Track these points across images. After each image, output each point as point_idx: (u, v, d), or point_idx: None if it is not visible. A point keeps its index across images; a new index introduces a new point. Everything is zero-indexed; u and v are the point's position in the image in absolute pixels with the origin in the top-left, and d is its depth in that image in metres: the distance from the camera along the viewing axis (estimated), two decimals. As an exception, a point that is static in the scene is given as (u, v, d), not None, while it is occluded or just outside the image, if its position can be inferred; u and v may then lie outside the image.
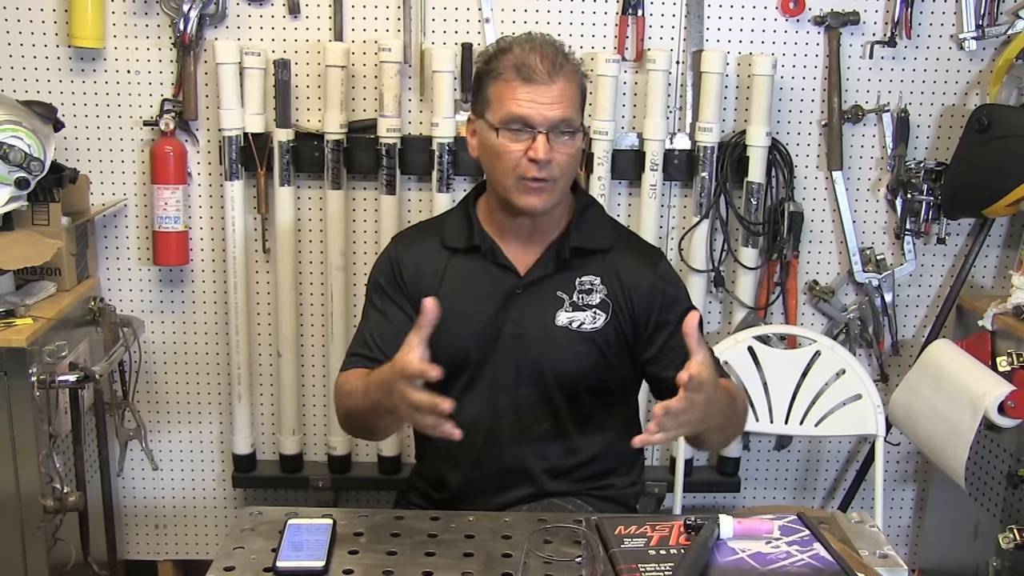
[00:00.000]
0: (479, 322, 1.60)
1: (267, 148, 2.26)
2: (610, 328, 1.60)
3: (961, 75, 2.34)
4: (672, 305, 1.62)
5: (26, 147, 1.96)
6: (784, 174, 2.34)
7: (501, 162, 1.52)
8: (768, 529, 1.30)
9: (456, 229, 1.65)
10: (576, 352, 1.60)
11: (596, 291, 1.61)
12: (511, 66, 1.51)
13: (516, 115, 1.49)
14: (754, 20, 2.29)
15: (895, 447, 2.53)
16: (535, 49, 1.51)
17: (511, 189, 1.53)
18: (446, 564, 1.27)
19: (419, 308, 1.54)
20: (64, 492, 1.98)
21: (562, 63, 1.51)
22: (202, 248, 2.37)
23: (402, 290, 1.63)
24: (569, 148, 1.52)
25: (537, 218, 1.59)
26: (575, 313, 1.60)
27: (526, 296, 1.60)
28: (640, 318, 1.62)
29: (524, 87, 1.49)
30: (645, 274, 1.63)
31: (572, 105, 1.52)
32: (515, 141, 1.50)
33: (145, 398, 2.45)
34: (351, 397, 1.51)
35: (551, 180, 1.52)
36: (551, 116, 1.49)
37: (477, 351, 1.60)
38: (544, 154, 1.48)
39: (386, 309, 1.63)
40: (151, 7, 2.23)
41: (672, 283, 1.66)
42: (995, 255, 2.44)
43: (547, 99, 1.49)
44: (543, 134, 1.49)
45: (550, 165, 1.50)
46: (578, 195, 1.67)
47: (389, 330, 1.60)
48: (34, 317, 1.97)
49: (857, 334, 2.44)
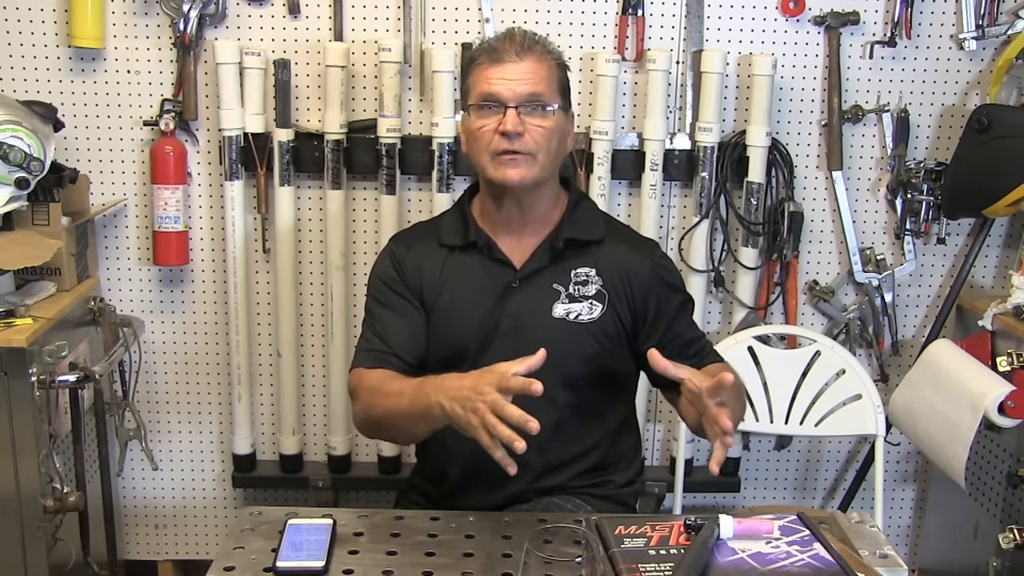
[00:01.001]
0: (477, 316, 1.62)
1: (267, 148, 2.26)
2: (607, 318, 1.62)
3: (961, 75, 2.34)
4: (671, 295, 1.67)
5: (26, 147, 1.96)
6: (784, 174, 2.34)
7: (477, 142, 1.58)
8: (768, 529, 1.30)
9: (452, 227, 1.69)
10: (574, 343, 1.61)
11: (592, 282, 1.63)
12: (484, 51, 1.60)
13: (487, 92, 1.56)
14: (754, 20, 2.29)
15: (895, 447, 2.53)
16: (507, 36, 1.60)
17: (487, 166, 1.58)
18: (446, 564, 1.27)
19: (423, 304, 1.63)
20: (64, 492, 1.98)
21: (531, 45, 1.58)
22: (202, 248, 2.37)
23: (405, 283, 1.66)
24: (542, 122, 1.56)
25: (523, 200, 1.62)
26: (572, 304, 1.62)
27: (522, 289, 1.63)
28: (640, 308, 1.64)
29: (494, 67, 1.56)
30: (644, 263, 1.66)
31: (543, 82, 1.57)
32: (487, 118, 1.56)
33: (145, 398, 2.45)
34: (391, 398, 1.50)
35: (526, 153, 1.56)
36: (519, 91, 1.55)
37: (475, 345, 1.62)
38: (512, 126, 1.53)
39: (395, 305, 1.65)
40: (151, 7, 2.23)
41: (669, 271, 1.70)
42: (995, 255, 2.44)
43: (515, 75, 1.55)
44: (512, 108, 1.54)
45: (522, 138, 1.55)
46: (571, 191, 1.70)
47: (401, 326, 1.63)
48: (34, 317, 1.97)
49: (857, 334, 2.44)
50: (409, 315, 1.64)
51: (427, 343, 1.65)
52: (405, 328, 1.63)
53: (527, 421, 1.26)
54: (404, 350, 1.62)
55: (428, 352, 1.65)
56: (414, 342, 1.63)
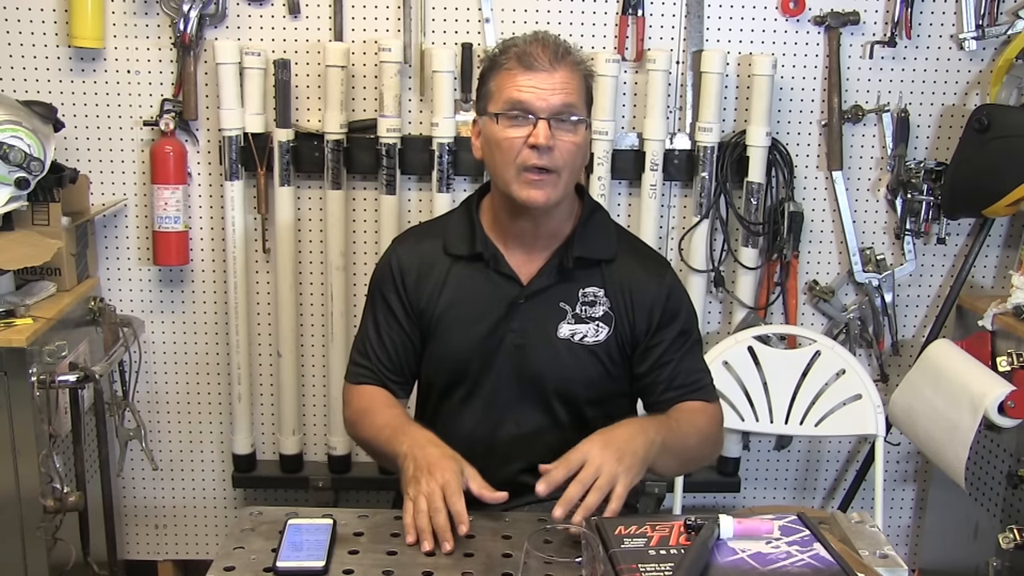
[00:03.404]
0: (480, 332, 1.57)
1: (267, 148, 2.26)
2: (612, 341, 1.58)
3: (961, 75, 2.34)
4: (670, 322, 1.60)
5: (26, 147, 1.96)
6: (784, 174, 2.34)
7: (502, 152, 1.48)
8: (768, 529, 1.30)
9: (459, 235, 1.61)
10: (579, 365, 1.57)
11: (599, 303, 1.58)
12: (513, 56, 1.49)
13: (517, 99, 1.46)
14: (754, 20, 2.29)
15: (895, 447, 2.53)
16: (537, 41, 1.49)
17: (512, 182, 1.49)
18: (446, 564, 1.27)
19: (421, 317, 1.61)
20: (64, 492, 1.98)
21: (564, 54, 1.49)
22: (202, 248, 2.37)
23: (401, 298, 1.61)
24: (573, 137, 1.48)
25: (539, 218, 1.55)
26: (578, 325, 1.57)
27: (528, 306, 1.57)
28: (640, 330, 1.59)
29: (525, 74, 1.46)
30: (649, 286, 1.59)
31: (575, 94, 1.48)
32: (516, 128, 1.47)
33: (145, 398, 2.45)
34: (374, 429, 1.52)
35: (554, 171, 1.47)
36: (553, 102, 1.46)
37: (477, 361, 1.58)
38: (544, 139, 1.44)
39: (388, 323, 1.62)
40: (151, 7, 2.23)
41: (674, 298, 1.62)
42: (995, 255, 2.44)
43: (548, 85, 1.46)
44: (544, 120, 1.45)
45: (551, 153, 1.46)
46: (584, 201, 1.62)
47: (392, 345, 1.62)
48: (34, 317, 1.97)
49: (857, 334, 2.44)
50: (400, 335, 1.61)
51: (423, 359, 1.63)
52: (396, 347, 1.61)
53: (461, 523, 1.29)
54: (393, 370, 1.62)
55: (429, 368, 1.63)
56: (404, 361, 1.63)
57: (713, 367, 1.91)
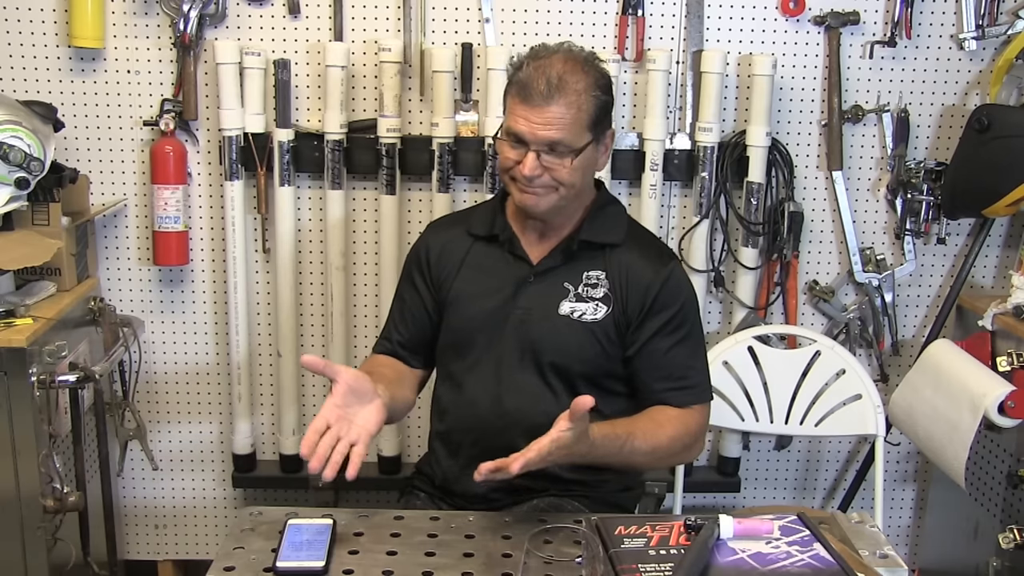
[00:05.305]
0: (490, 307, 1.70)
1: (267, 148, 2.26)
2: (609, 320, 1.66)
3: (961, 75, 2.34)
4: (662, 310, 1.66)
5: (26, 147, 1.96)
6: (784, 174, 2.34)
7: (501, 163, 1.65)
8: (768, 529, 1.30)
9: (482, 218, 1.77)
10: (576, 340, 1.66)
11: (600, 285, 1.68)
12: (516, 83, 1.59)
13: (513, 129, 1.59)
14: (754, 20, 2.29)
15: (895, 447, 2.53)
16: (540, 68, 1.57)
17: (510, 187, 1.65)
18: (446, 564, 1.27)
19: (439, 289, 1.75)
20: (64, 492, 1.98)
21: (560, 87, 1.55)
22: (202, 248, 2.37)
23: (424, 275, 1.77)
24: (561, 165, 1.58)
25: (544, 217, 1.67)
26: (578, 304, 1.67)
27: (535, 285, 1.69)
28: (632, 312, 1.67)
29: (522, 106, 1.57)
30: (647, 272, 1.68)
31: (568, 128, 1.56)
32: (511, 150, 1.60)
33: (145, 398, 2.45)
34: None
35: (544, 188, 1.60)
36: (541, 136, 1.56)
37: (484, 334, 1.70)
38: (530, 171, 1.57)
39: (411, 299, 1.79)
40: (151, 7, 2.23)
41: (671, 287, 1.68)
42: (995, 255, 2.44)
43: (540, 120, 1.55)
44: (533, 152, 1.57)
45: (542, 177, 1.58)
46: (599, 192, 1.75)
47: (411, 320, 1.78)
48: (34, 317, 1.97)
49: (857, 334, 2.44)
50: (420, 311, 1.77)
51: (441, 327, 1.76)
52: (415, 323, 1.78)
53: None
54: (408, 346, 1.78)
55: (445, 335, 1.75)
56: (421, 337, 1.78)
57: (713, 367, 1.92)
